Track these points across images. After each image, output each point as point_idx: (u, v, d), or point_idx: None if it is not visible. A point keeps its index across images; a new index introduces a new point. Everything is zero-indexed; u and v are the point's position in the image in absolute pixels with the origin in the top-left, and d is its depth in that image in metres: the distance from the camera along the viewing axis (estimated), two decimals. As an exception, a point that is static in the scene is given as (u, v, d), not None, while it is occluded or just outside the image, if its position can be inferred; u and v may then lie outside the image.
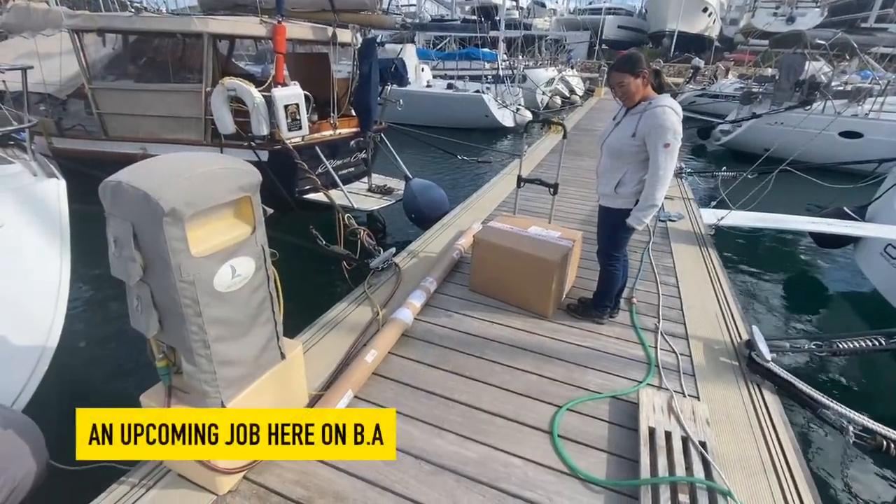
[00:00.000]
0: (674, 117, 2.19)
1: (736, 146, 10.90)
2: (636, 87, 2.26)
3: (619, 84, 2.28)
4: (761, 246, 5.99)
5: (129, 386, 3.11)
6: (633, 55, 2.30)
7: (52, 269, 2.60)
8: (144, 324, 1.36)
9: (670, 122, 2.17)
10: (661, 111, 2.19)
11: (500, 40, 16.56)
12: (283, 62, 4.15)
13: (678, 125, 2.19)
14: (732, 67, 23.27)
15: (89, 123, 5.04)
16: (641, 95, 2.29)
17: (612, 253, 2.64)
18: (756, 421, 2.10)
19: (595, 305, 2.81)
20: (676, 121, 2.19)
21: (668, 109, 2.20)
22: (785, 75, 10.49)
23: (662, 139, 2.19)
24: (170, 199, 1.18)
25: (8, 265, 2.44)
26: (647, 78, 2.26)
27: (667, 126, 2.17)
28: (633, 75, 2.24)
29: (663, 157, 2.22)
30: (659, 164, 2.24)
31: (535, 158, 7.53)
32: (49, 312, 2.45)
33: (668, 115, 2.18)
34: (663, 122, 2.17)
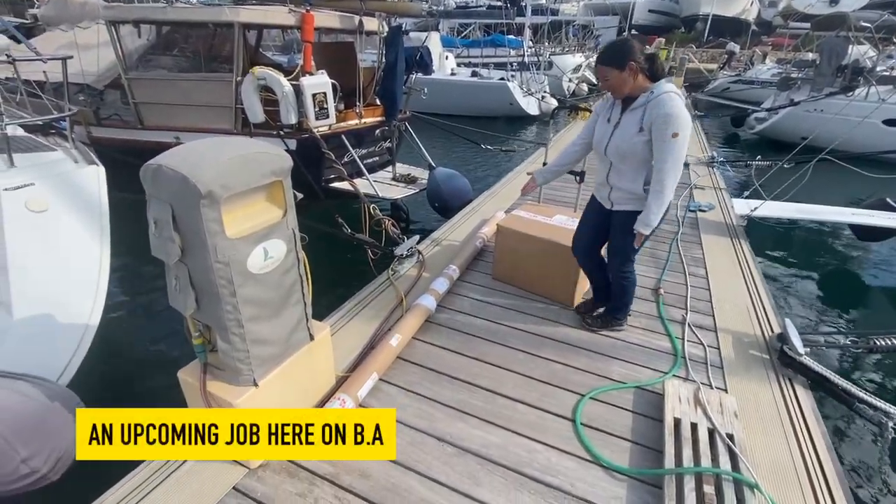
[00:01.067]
0: (681, 104, 1.97)
1: (771, 134, 10.47)
2: (622, 80, 2.03)
3: (604, 78, 2.07)
4: (795, 238, 5.77)
5: (165, 363, 3.26)
6: (619, 45, 2.06)
7: (93, 252, 2.72)
8: (182, 302, 1.42)
9: (678, 110, 1.95)
10: (666, 98, 1.97)
11: (525, 26, 16.24)
12: (310, 51, 4.19)
13: (686, 113, 1.97)
14: (770, 52, 22.24)
15: (125, 113, 5.22)
16: (634, 87, 2.06)
17: (629, 258, 2.35)
18: (787, 415, 2.05)
19: (615, 315, 2.59)
20: (683, 108, 1.97)
21: (673, 96, 1.98)
22: (826, 60, 9.96)
23: (671, 128, 1.95)
24: (207, 182, 1.22)
25: (52, 248, 2.57)
26: (635, 69, 2.01)
27: (674, 113, 1.94)
28: (619, 68, 2.01)
29: (671, 148, 1.98)
30: (666, 157, 2.00)
31: (560, 147, 7.40)
32: (91, 292, 2.57)
33: (674, 102, 1.96)
34: (670, 109, 1.95)
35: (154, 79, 4.87)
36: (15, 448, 1.71)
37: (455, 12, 17.95)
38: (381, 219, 3.80)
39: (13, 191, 2.53)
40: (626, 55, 1.99)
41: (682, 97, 2.04)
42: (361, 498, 1.60)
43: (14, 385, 1.80)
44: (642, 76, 2.05)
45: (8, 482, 1.72)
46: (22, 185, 2.59)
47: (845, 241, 5.66)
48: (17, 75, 3.67)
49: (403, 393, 2.10)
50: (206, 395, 1.54)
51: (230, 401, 1.51)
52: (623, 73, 2.01)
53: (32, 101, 3.93)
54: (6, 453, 1.70)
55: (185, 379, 1.60)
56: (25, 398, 1.78)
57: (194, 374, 1.58)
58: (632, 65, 1.99)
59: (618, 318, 2.61)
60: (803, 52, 16.64)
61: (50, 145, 3.21)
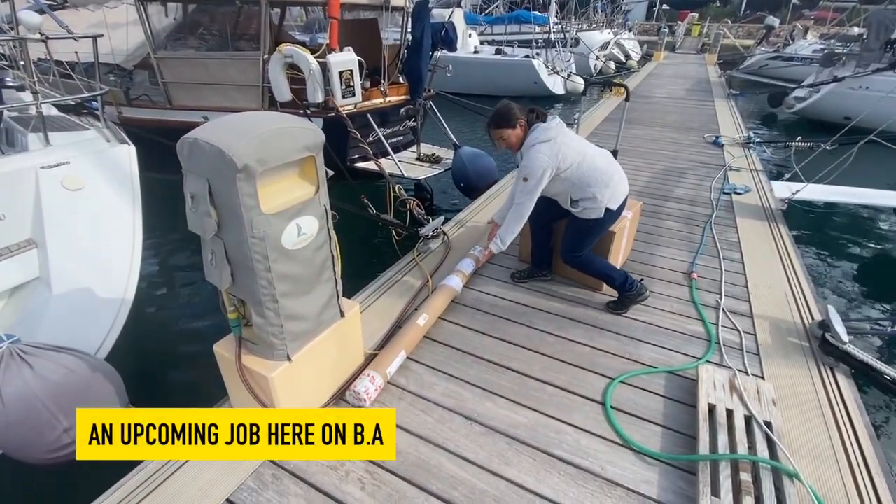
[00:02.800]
0: (540, 156, 2.24)
1: (812, 114, 9.93)
2: (517, 136, 2.35)
3: (501, 139, 2.36)
4: (835, 223, 5.51)
5: (198, 338, 3.36)
6: (502, 110, 2.34)
7: (127, 229, 2.78)
8: (218, 277, 1.44)
9: (532, 162, 2.25)
10: (533, 151, 2.26)
11: (552, 2, 15.69)
12: (337, 27, 4.13)
13: (541, 163, 2.23)
14: (812, 27, 20.97)
15: (154, 93, 5.29)
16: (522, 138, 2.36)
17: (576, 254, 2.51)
18: (827, 404, 1.97)
19: (621, 291, 2.54)
20: (541, 158, 2.23)
21: (538, 147, 2.25)
22: (874, 33, 9.31)
23: (521, 173, 2.32)
24: (243, 156, 1.22)
25: (88, 225, 2.63)
26: (523, 125, 2.33)
27: (526, 164, 2.28)
28: (511, 127, 2.32)
29: (517, 190, 2.38)
30: (513, 197, 2.44)
31: (588, 126, 7.21)
32: (125, 269, 2.64)
33: (533, 155, 2.25)
34: (527, 161, 2.28)
35: (182, 58, 4.90)
36: (58, 418, 1.79)
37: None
38: (406, 199, 3.77)
39: (49, 169, 2.59)
40: (513, 115, 2.31)
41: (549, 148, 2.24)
42: (391, 472, 1.63)
43: (58, 358, 1.87)
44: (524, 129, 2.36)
45: (51, 451, 1.80)
46: (58, 164, 2.64)
47: (889, 225, 5.38)
48: (50, 55, 3.73)
49: (431, 371, 2.11)
50: (241, 369, 1.57)
51: (265, 374, 1.54)
52: (517, 130, 2.34)
53: (65, 82, 4.00)
54: (50, 423, 1.78)
55: (221, 353, 1.63)
56: (68, 371, 1.85)
57: (229, 349, 1.61)
58: (520, 121, 2.33)
59: (629, 294, 2.52)
60: (848, 26, 15.63)
61: (83, 124, 3.27)
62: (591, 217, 2.37)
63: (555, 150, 2.25)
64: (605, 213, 2.35)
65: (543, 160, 2.24)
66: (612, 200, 2.34)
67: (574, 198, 2.37)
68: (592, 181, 2.30)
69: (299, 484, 1.58)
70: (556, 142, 2.25)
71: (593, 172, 2.30)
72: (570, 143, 2.30)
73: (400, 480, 1.60)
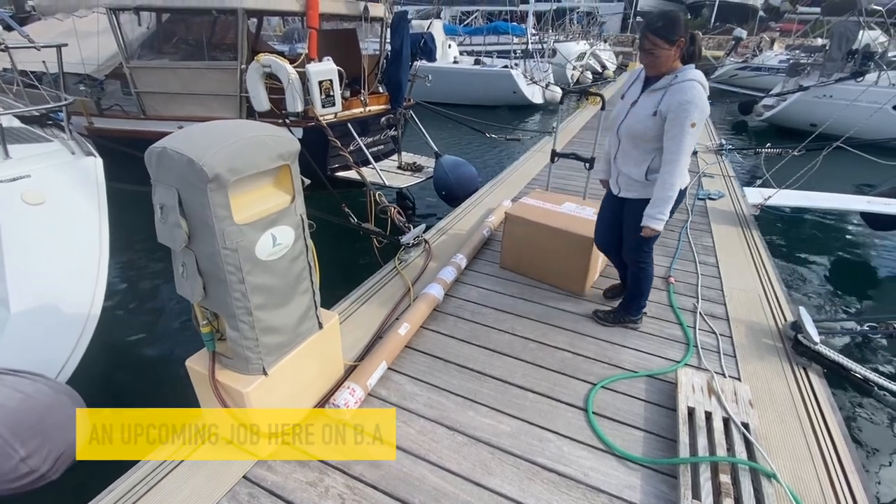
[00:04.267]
0: (702, 93, 1.88)
1: (780, 121, 10.32)
2: (667, 56, 1.91)
3: (650, 51, 1.92)
4: (805, 227, 5.70)
5: (169, 356, 3.25)
6: (671, 16, 1.90)
7: (92, 244, 2.66)
8: (190, 290, 1.39)
9: (699, 99, 1.86)
10: (689, 86, 1.87)
11: (529, 13, 15.99)
12: (316, 37, 4.12)
13: (707, 104, 1.89)
14: (778, 38, 21.84)
15: (127, 103, 5.17)
16: (670, 66, 1.95)
17: (643, 249, 2.25)
18: (801, 404, 2.02)
19: (628, 311, 2.48)
20: (705, 97, 1.88)
21: (696, 84, 1.88)
22: (836, 44, 9.75)
23: (689, 117, 1.87)
24: (214, 165, 1.19)
25: (49, 241, 2.50)
26: (682, 47, 1.90)
27: (695, 102, 1.85)
28: (669, 42, 1.87)
29: (684, 138, 1.90)
30: (679, 147, 1.92)
31: (566, 135, 7.33)
32: (90, 286, 2.51)
33: (696, 91, 1.87)
34: (692, 97, 1.86)
35: (157, 67, 4.81)
36: (14, 447, 1.68)
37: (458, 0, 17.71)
38: (387, 207, 3.76)
39: (8, 183, 2.47)
40: (679, 29, 1.87)
41: (705, 87, 1.93)
42: (372, 487, 1.59)
43: (13, 382, 1.75)
44: (678, 58, 1.95)
45: (7, 481, 1.69)
46: (17, 178, 2.52)
47: (855, 229, 5.58)
48: (13, 64, 3.61)
49: (413, 382, 2.08)
50: (215, 384, 1.52)
51: (239, 389, 1.49)
52: (672, 50, 1.90)
53: (30, 92, 3.87)
54: (5, 452, 1.67)
55: (194, 368, 1.58)
56: (24, 396, 1.74)
57: (203, 363, 1.56)
58: (681, 41, 1.88)
59: (631, 317, 2.48)
60: (812, 37, 16.33)
61: (46, 136, 3.15)
62: (642, 198, 2.10)
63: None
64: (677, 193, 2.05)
65: (706, 104, 1.88)
66: (683, 178, 2.04)
67: (653, 166, 2.06)
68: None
69: (277, 503, 1.53)
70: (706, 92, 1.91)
71: None
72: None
73: (382, 495, 1.57)
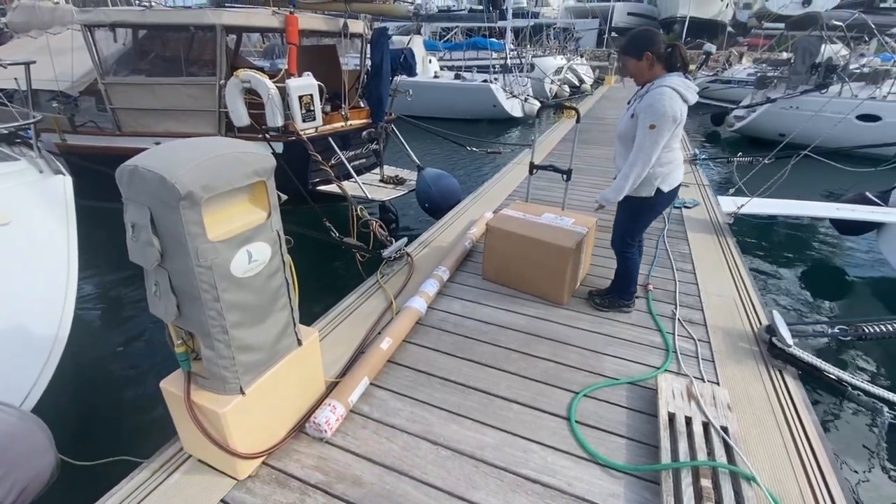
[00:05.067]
0: (667, 99, 2.04)
1: (750, 132, 10.69)
2: (638, 69, 2.17)
3: (624, 66, 2.23)
4: (777, 233, 5.88)
5: (142, 376, 3.15)
6: (638, 35, 2.17)
7: (60, 265, 2.56)
8: (163, 309, 1.37)
9: (659, 104, 2.05)
10: (657, 92, 2.07)
11: (507, 30, 16.34)
12: (295, 53, 4.14)
13: (670, 107, 2.04)
14: (746, 53, 22.74)
15: (101, 119, 5.09)
16: (650, 76, 2.17)
17: (627, 240, 2.56)
18: (778, 406, 2.06)
19: (621, 295, 2.73)
20: (670, 102, 2.04)
21: (664, 90, 2.06)
22: (800, 58, 10.22)
23: (648, 120, 2.09)
24: (186, 183, 1.18)
25: (15, 263, 2.41)
26: (651, 59, 2.12)
27: (655, 106, 2.06)
28: (637, 57, 2.15)
29: (644, 138, 2.13)
30: (638, 146, 2.16)
31: (545, 147, 7.46)
32: (57, 308, 2.41)
33: (658, 96, 2.05)
34: (652, 101, 2.07)
35: (133, 83, 4.75)
36: None
37: (437, 16, 17.96)
38: (369, 220, 3.76)
39: None
40: (642, 46, 2.11)
41: (682, 93, 2.08)
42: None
43: None
44: (659, 66, 2.14)
45: None
46: None
47: (824, 234, 5.78)
48: None
49: (396, 397, 2.06)
50: (190, 405, 1.48)
51: (216, 410, 1.45)
52: (640, 63, 2.14)
53: None
54: None
55: (168, 389, 1.54)
56: None
57: (178, 384, 1.52)
58: (648, 55, 2.11)
59: (624, 301, 2.73)
60: (778, 51, 17.03)
61: (13, 155, 3.07)
62: (641, 195, 2.31)
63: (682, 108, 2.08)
64: (655, 193, 2.30)
65: (675, 106, 2.04)
66: (666, 182, 2.28)
67: None
68: (663, 157, 2.22)
69: (256, 526, 1.49)
70: (686, 103, 2.10)
71: (666, 152, 2.22)
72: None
73: (364, 514, 1.54)
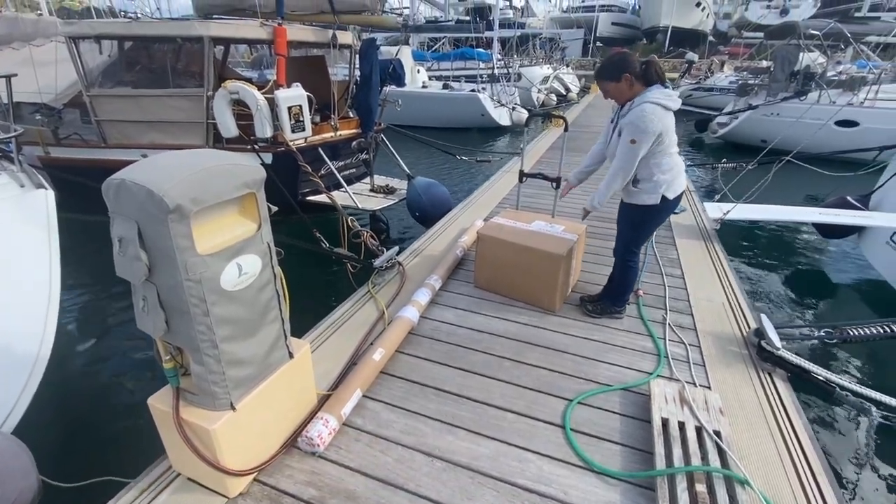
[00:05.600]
0: (649, 115, 2.14)
1: (733, 138, 10.92)
2: (619, 90, 2.28)
3: (605, 91, 2.33)
4: (762, 237, 5.98)
5: (129, 393, 3.08)
6: (612, 59, 2.29)
7: (41, 281, 2.50)
8: (151, 324, 1.34)
9: (639, 120, 2.15)
10: (637, 109, 2.18)
11: (494, 40, 16.56)
12: (284, 64, 4.14)
13: (651, 123, 2.14)
14: (727, 61, 23.29)
15: (86, 132, 5.03)
16: (631, 94, 2.26)
17: (631, 248, 2.58)
18: (769, 408, 2.08)
19: (614, 301, 2.75)
20: (651, 118, 2.14)
21: (645, 106, 2.15)
22: (780, 66, 10.50)
23: (630, 135, 2.20)
24: (175, 196, 1.16)
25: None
26: (629, 79, 2.23)
27: (637, 124, 2.16)
28: (615, 80, 2.26)
29: (624, 153, 2.24)
30: (618, 159, 2.28)
31: (534, 155, 7.53)
32: (39, 325, 2.34)
33: (638, 113, 2.16)
34: (632, 119, 2.18)
35: (120, 95, 4.71)
36: None
37: (425, 27, 18.18)
38: (360, 231, 3.74)
39: None
40: (621, 69, 2.22)
41: (665, 106, 2.16)
42: (349, 521, 1.53)
43: None
44: (638, 84, 2.24)
45: None
46: None
47: (808, 237, 5.89)
48: None
49: (389, 409, 2.04)
50: (179, 422, 1.45)
51: (206, 426, 1.42)
52: (619, 84, 2.25)
53: None
54: None
55: (156, 406, 1.50)
56: None
57: (166, 401, 1.49)
58: (626, 76, 2.21)
59: (616, 307, 2.76)
60: (758, 60, 17.48)
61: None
62: (647, 203, 2.36)
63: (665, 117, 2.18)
64: (661, 200, 2.34)
65: (655, 122, 2.14)
66: (671, 189, 2.34)
67: (639, 175, 2.33)
68: (665, 164, 2.29)
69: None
70: (669, 110, 2.19)
71: (667, 158, 2.29)
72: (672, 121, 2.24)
73: (358, 529, 1.51)
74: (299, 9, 4.92)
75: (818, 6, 23.86)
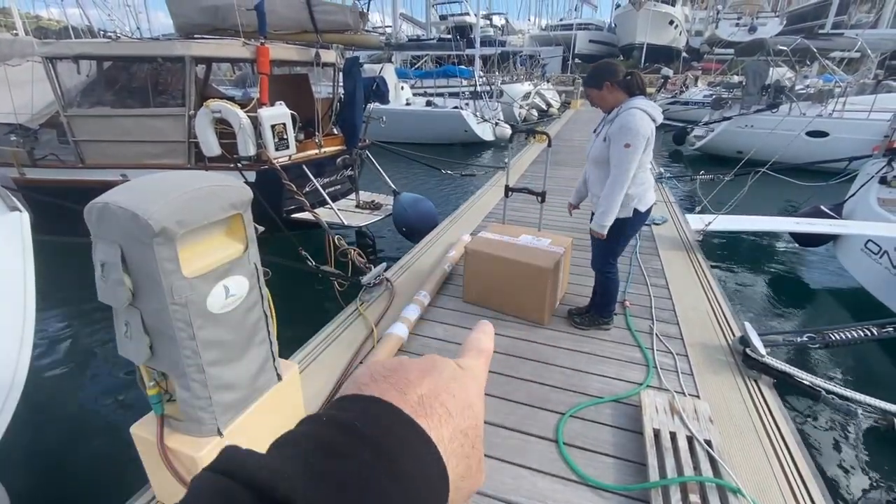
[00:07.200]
0: (638, 119, 2.19)
1: (710, 150, 11.24)
2: (602, 97, 2.34)
3: (589, 97, 2.41)
4: (742, 246, 6.12)
5: (109, 424, 2.96)
6: (598, 68, 2.36)
7: (15, 306, 2.41)
8: (134, 350, 1.30)
9: (633, 123, 2.19)
10: (627, 114, 2.22)
11: (476, 57, 16.85)
12: (267, 83, 4.15)
13: (642, 126, 2.18)
14: (701, 76, 24.11)
15: (63, 152, 4.93)
16: (614, 102, 2.33)
17: (609, 261, 2.62)
18: (756, 415, 2.11)
19: (600, 313, 2.78)
20: (641, 122, 2.18)
21: (634, 111, 2.21)
22: (751, 81, 10.89)
23: (623, 139, 2.21)
24: (160, 219, 1.14)
25: None
26: (612, 87, 2.30)
27: (628, 126, 2.19)
28: (597, 87, 2.33)
29: (621, 157, 2.25)
30: (616, 165, 2.27)
31: (518, 169, 7.62)
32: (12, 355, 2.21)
33: (629, 117, 2.20)
34: (625, 122, 2.21)
35: (99, 115, 4.64)
36: None
37: (408, 45, 18.39)
38: (347, 249, 3.72)
39: None
40: (603, 76, 2.29)
41: (650, 114, 2.21)
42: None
43: None
44: (620, 92, 2.30)
45: None
46: None
47: (786, 246, 6.06)
48: None
49: (380, 428, 2.00)
50: (163, 450, 1.40)
51: (192, 454, 1.38)
52: (601, 91, 2.32)
53: None
54: None
55: (139, 434, 1.45)
56: None
57: (150, 429, 1.44)
58: (608, 84, 2.29)
59: (603, 318, 2.80)
60: (730, 75, 18.12)
61: None
62: (620, 216, 2.38)
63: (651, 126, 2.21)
64: (633, 213, 2.38)
65: (646, 125, 2.18)
66: (642, 202, 2.39)
67: None
68: (639, 178, 2.33)
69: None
70: (654, 122, 2.23)
71: (641, 171, 2.32)
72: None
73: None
74: (282, 28, 4.94)
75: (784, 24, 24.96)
